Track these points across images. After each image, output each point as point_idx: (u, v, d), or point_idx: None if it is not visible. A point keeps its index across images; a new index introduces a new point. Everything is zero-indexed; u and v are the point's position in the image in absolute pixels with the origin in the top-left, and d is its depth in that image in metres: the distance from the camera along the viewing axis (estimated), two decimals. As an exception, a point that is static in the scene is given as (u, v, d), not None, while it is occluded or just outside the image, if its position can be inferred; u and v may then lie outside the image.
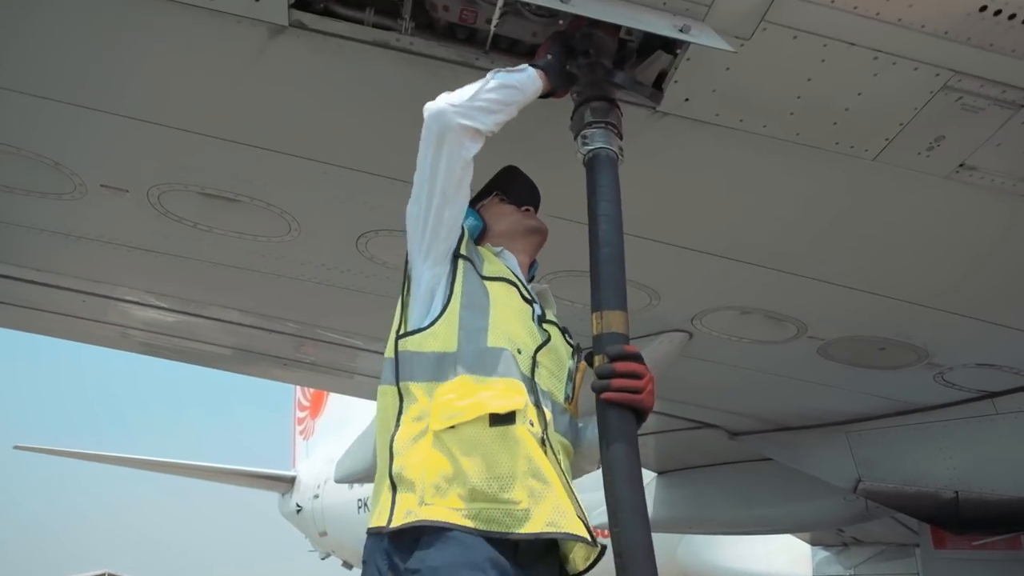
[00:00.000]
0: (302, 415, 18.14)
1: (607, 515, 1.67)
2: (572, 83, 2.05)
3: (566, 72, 2.04)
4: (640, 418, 1.74)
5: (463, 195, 1.89)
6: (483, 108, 1.85)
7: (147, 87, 2.45)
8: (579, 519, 1.66)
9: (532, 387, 1.77)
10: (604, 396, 1.71)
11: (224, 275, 3.65)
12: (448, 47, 2.24)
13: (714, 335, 3.76)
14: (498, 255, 2.05)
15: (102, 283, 3.97)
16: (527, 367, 1.80)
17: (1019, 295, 3.23)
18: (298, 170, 2.72)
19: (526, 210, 2.16)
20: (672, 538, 8.61)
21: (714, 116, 2.37)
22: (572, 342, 2.01)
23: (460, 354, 1.75)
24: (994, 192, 2.59)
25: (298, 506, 15.65)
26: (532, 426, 1.71)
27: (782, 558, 7.96)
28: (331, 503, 14.03)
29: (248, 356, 5.21)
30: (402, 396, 1.77)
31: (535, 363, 1.82)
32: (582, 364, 1.98)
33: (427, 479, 1.64)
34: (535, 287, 2.07)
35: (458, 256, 1.88)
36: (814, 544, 7.64)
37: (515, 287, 1.94)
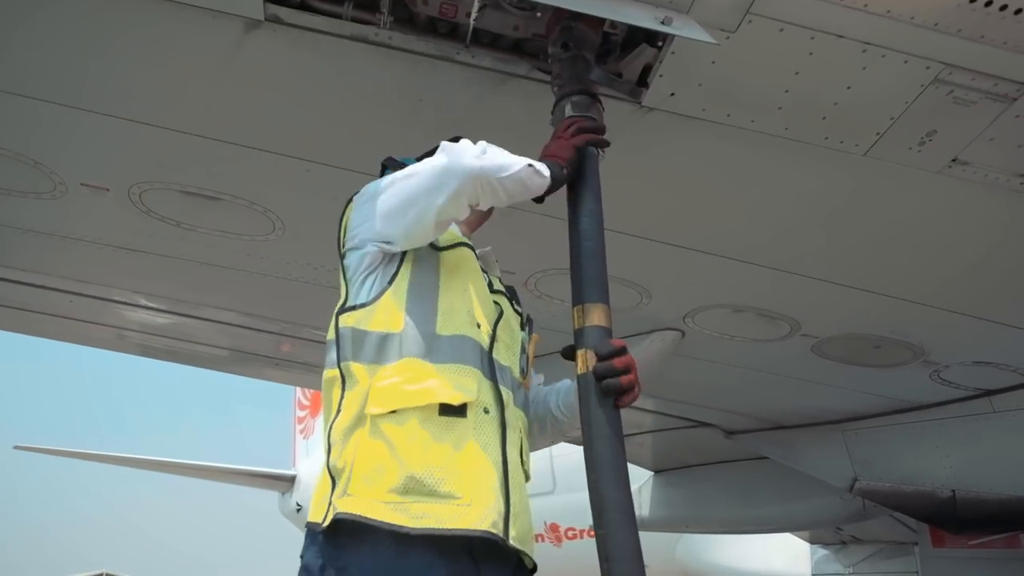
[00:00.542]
0: (302, 414, 18.09)
1: (592, 516, 1.60)
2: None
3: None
4: None
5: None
6: (495, 191, 1.71)
7: (123, 83, 2.40)
8: (511, 519, 1.58)
9: (490, 364, 1.70)
10: (622, 401, 1.64)
11: (211, 275, 3.61)
12: (428, 41, 2.20)
13: (707, 333, 3.72)
14: None
15: (89, 283, 3.92)
16: (487, 341, 1.73)
17: (1016, 292, 3.18)
18: (279, 168, 2.68)
19: None
20: (671, 537, 8.58)
21: (701, 111, 2.32)
22: (520, 310, 1.93)
23: (406, 335, 1.64)
24: (988, 187, 2.55)
25: (298, 505, 15.60)
26: (487, 412, 1.64)
27: (781, 556, 7.92)
28: (331, 502, 14.00)
29: (241, 357, 5.16)
30: (344, 378, 1.66)
31: (494, 337, 1.75)
32: (535, 336, 1.90)
33: (357, 470, 1.55)
34: (479, 252, 1.95)
35: None
36: (813, 542, 7.59)
37: (473, 251, 1.87)
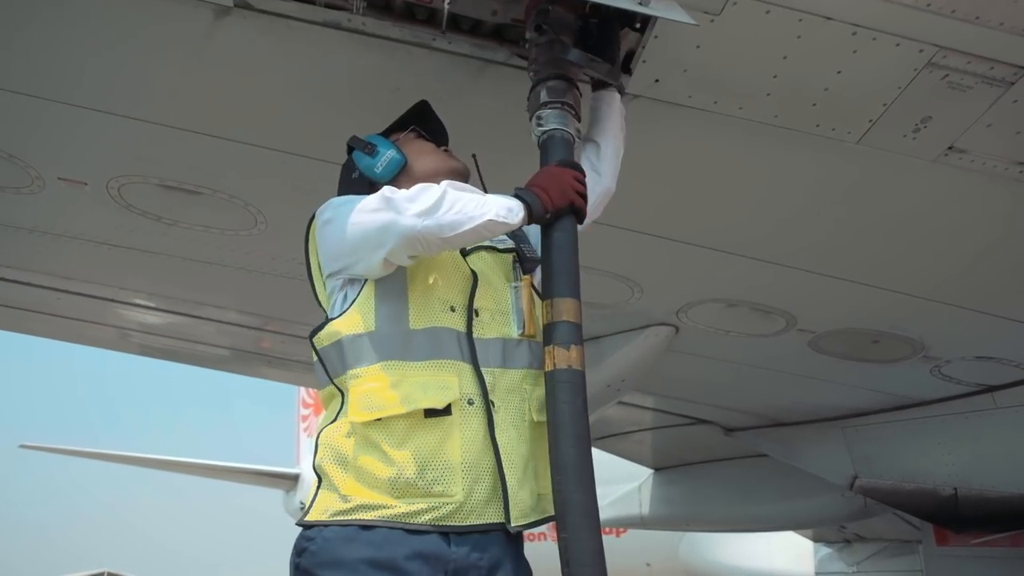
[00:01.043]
0: (306, 412, 18.11)
1: (556, 519, 1.59)
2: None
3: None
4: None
5: None
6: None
7: (94, 74, 2.34)
8: (510, 501, 1.61)
9: (471, 348, 1.67)
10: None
11: (195, 270, 3.55)
12: (403, 28, 2.12)
13: (701, 329, 3.64)
14: None
15: (74, 280, 3.87)
16: (463, 323, 1.70)
17: (1018, 285, 3.10)
18: (256, 160, 2.61)
19: (445, 150, 1.99)
20: (674, 535, 8.54)
21: (687, 98, 2.24)
22: (504, 246, 1.86)
23: (380, 334, 1.66)
24: (987, 176, 2.46)
25: (302, 503, 15.58)
26: (471, 404, 1.63)
27: (784, 555, 7.87)
28: (334, 500, 14.00)
29: (234, 354, 5.12)
30: (338, 390, 1.71)
31: (473, 314, 1.72)
32: (526, 278, 1.80)
33: (349, 473, 1.60)
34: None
35: None
36: (816, 541, 7.54)
37: None
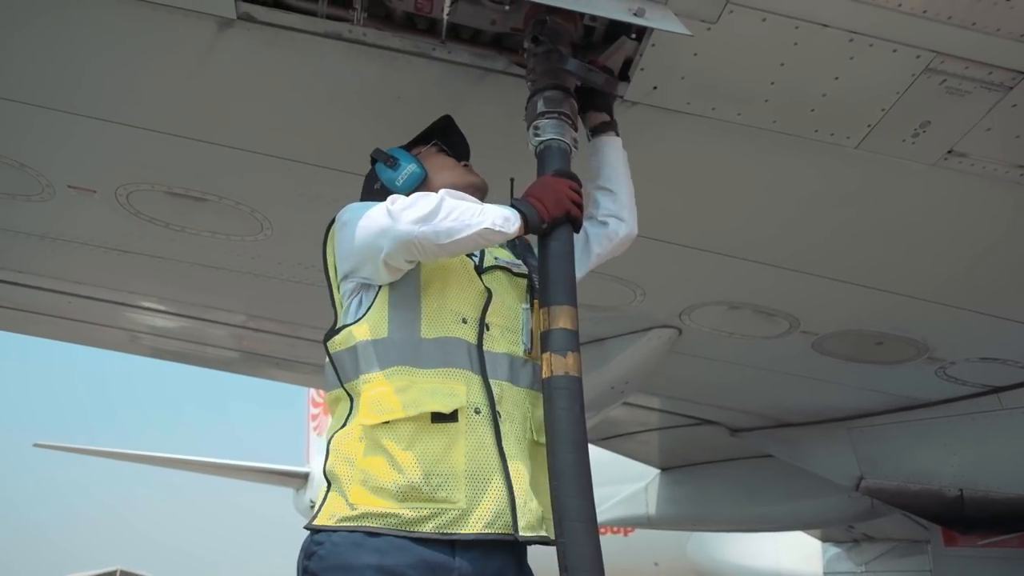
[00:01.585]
0: (316, 411, 18.21)
1: (553, 524, 1.60)
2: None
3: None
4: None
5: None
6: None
7: (101, 85, 2.37)
8: (518, 511, 1.61)
9: (480, 360, 1.70)
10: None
11: (203, 275, 3.60)
12: (403, 38, 2.15)
13: (704, 331, 3.65)
14: None
15: (84, 284, 3.92)
16: (474, 335, 1.72)
17: (1019, 287, 3.09)
18: (260, 167, 2.65)
19: (465, 165, 2.03)
20: (682, 535, 8.54)
21: (685, 105, 2.26)
22: (519, 271, 1.88)
23: (392, 341, 1.68)
24: (987, 179, 2.46)
25: (312, 502, 15.65)
26: (478, 413, 1.65)
27: (792, 554, 7.85)
28: (343, 499, 14.06)
29: (242, 357, 5.17)
30: (348, 394, 1.73)
31: (484, 328, 1.74)
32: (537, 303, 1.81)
33: (356, 479, 1.61)
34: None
35: None
36: (825, 540, 7.52)
37: None
